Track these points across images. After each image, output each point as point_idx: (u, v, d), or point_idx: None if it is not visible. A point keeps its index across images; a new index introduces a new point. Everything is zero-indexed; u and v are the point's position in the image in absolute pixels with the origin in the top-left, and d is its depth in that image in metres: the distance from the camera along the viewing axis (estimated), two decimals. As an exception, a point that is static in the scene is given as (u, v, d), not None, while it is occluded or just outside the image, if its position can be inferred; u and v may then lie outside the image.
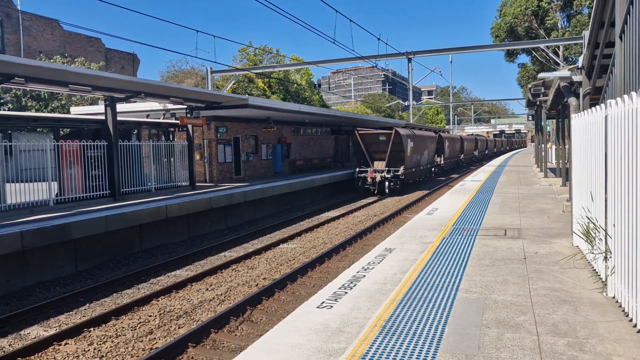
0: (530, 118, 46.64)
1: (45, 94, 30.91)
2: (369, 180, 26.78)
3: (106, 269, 12.45)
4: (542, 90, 17.73)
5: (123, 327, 8.31)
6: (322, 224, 18.02)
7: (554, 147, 31.75)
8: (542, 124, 27.38)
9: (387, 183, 26.64)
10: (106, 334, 8.05)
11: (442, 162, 38.83)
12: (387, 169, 26.76)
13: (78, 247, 12.27)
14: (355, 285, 6.57)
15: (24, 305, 9.64)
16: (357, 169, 27.55)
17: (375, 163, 27.69)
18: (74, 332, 8.07)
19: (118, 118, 17.37)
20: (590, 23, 8.77)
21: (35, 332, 8.35)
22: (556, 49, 39.65)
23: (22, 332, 8.33)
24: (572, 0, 38.78)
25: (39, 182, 14.62)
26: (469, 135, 63.25)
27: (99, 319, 8.58)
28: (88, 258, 12.53)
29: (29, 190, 14.18)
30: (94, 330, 8.23)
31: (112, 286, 10.82)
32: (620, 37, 6.96)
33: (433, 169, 36.15)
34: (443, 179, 37.17)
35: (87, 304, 9.68)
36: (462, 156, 49.58)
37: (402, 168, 26.80)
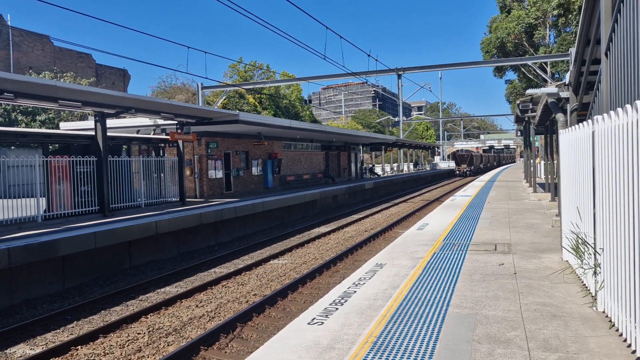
0: (519, 134, 47.13)
1: (33, 108, 30.78)
2: (461, 171, 66.99)
3: (94, 285, 12.30)
4: (530, 106, 17.91)
5: (111, 345, 8.19)
6: (313, 239, 17.97)
7: (542, 162, 32.01)
8: (531, 139, 27.64)
9: (467, 172, 66.08)
10: (94, 352, 7.93)
11: (481, 164, 75.04)
12: (467, 167, 66.47)
13: (66, 264, 12.12)
14: (346, 301, 6.54)
15: (10, 323, 9.47)
16: (456, 166, 68.92)
17: (462, 165, 67.20)
18: (61, 350, 7.94)
19: (108, 134, 17.31)
20: (576, 40, 8.90)
21: (22, 350, 8.21)
22: (544, 65, 40.20)
23: (7, 351, 8.18)
24: (559, 18, 39.45)
25: (28, 197, 14.48)
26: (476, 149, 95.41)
27: (86, 336, 8.45)
28: (76, 275, 12.38)
29: (17, 206, 14.04)
30: (81, 348, 8.10)
31: (100, 303, 10.68)
32: (606, 54, 7.08)
33: (479, 168, 72.31)
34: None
35: (75, 322, 9.55)
36: (488, 163, 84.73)
37: (472, 167, 66.97)
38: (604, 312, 5.66)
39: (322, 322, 5.75)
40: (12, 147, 18.08)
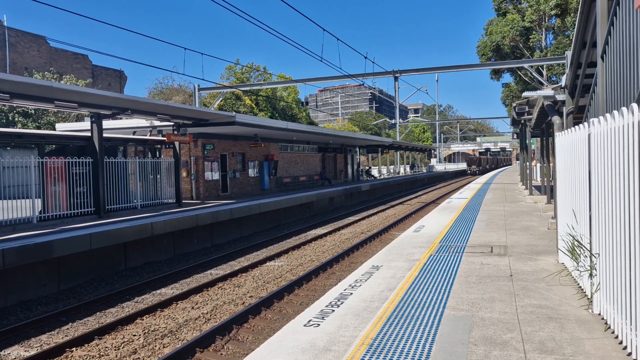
0: (515, 136, 47.20)
1: (33, 110, 30.69)
2: (471, 170, 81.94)
3: (90, 287, 12.26)
4: (527, 109, 17.96)
5: (106, 347, 8.16)
6: (309, 241, 17.95)
7: (538, 164, 32.09)
8: (527, 142, 27.71)
9: (476, 171, 79.96)
10: (89, 354, 7.90)
11: (487, 166, 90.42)
12: (476, 167, 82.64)
13: (61, 266, 12.07)
14: (342, 303, 6.53)
15: (4, 325, 9.42)
16: (468, 167, 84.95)
17: (472, 166, 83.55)
18: (55, 352, 7.90)
19: (104, 135, 17.26)
20: (572, 43, 8.94)
21: (16, 352, 8.16)
22: (540, 68, 40.31)
23: (1, 353, 8.14)
24: (556, 20, 39.56)
25: (23, 199, 14.42)
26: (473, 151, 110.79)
27: (81, 338, 8.41)
28: (71, 276, 12.33)
29: (12, 207, 13.97)
30: (76, 350, 8.07)
31: (95, 305, 10.64)
32: (602, 57, 7.11)
33: (485, 169, 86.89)
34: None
35: (70, 324, 9.50)
36: (492, 165, 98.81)
37: (480, 167, 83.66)
38: (599, 314, 5.67)
39: (319, 324, 5.74)
40: (8, 148, 18.00)
